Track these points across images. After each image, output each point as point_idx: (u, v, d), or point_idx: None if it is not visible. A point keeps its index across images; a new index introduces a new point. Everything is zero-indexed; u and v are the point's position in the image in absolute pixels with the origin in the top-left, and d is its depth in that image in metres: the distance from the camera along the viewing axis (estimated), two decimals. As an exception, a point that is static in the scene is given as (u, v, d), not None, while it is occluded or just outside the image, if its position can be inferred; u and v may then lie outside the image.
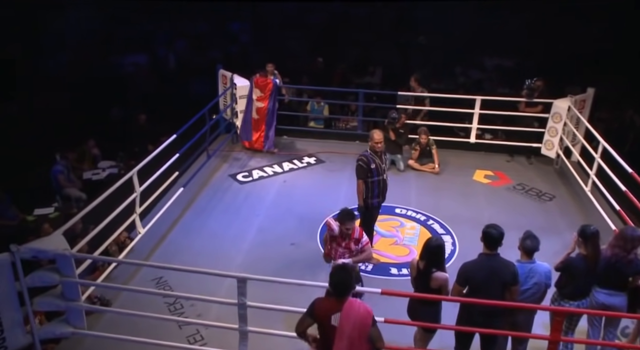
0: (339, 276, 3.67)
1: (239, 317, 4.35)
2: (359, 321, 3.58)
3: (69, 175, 8.81)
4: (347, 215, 4.76)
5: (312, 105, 10.47)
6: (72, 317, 4.57)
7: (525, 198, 7.95)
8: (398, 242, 6.78)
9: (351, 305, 3.61)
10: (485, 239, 4.22)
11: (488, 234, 4.20)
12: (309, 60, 13.59)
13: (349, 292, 3.68)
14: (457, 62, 13.67)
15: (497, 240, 4.20)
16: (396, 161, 8.67)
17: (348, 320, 3.58)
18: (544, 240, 6.69)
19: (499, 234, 4.20)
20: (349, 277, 3.69)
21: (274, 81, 8.81)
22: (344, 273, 3.70)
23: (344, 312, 3.60)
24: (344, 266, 3.85)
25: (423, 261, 4.35)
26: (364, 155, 5.92)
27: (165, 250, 6.59)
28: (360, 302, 3.67)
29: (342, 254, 4.85)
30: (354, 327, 3.57)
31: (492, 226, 4.25)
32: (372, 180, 5.91)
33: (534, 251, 4.41)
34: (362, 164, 5.89)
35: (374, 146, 5.88)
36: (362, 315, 3.59)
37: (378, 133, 5.89)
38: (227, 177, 8.41)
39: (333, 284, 3.66)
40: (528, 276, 4.38)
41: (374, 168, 5.87)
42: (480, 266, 4.21)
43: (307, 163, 8.94)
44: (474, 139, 9.11)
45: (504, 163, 9.03)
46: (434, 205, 7.65)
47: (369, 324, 3.59)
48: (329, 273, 3.73)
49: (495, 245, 4.21)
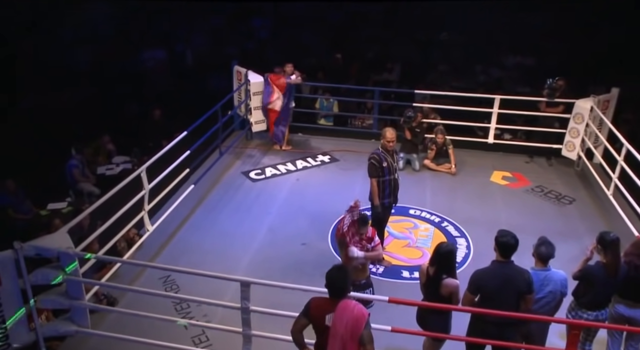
0: (334, 276, 3.59)
1: (242, 321, 4.26)
2: (352, 322, 3.48)
3: (84, 170, 8.83)
4: (361, 221, 4.72)
5: (321, 102, 10.34)
6: (76, 316, 4.52)
7: (543, 201, 7.72)
8: (411, 244, 6.63)
9: (345, 306, 3.53)
10: (500, 247, 4.06)
11: (503, 243, 4.03)
12: (327, 56, 13.46)
13: (344, 293, 3.59)
14: (478, 60, 13.41)
15: (512, 248, 4.03)
16: (412, 161, 8.50)
17: (341, 321, 3.50)
18: (561, 245, 6.52)
19: (514, 242, 4.03)
20: (344, 277, 3.60)
21: (287, 79, 8.69)
22: (340, 273, 3.61)
23: (338, 313, 3.52)
24: (341, 266, 3.74)
25: (433, 267, 4.20)
26: (376, 153, 5.78)
27: (174, 248, 6.53)
28: (356, 304, 3.57)
29: (356, 242, 4.78)
30: (346, 328, 3.48)
31: (506, 234, 4.07)
32: (384, 180, 5.77)
33: (549, 258, 4.23)
34: (374, 162, 5.75)
35: (386, 144, 5.73)
36: (356, 316, 3.49)
37: (390, 131, 5.74)
38: (239, 174, 8.33)
39: (328, 284, 3.58)
40: (543, 284, 4.20)
41: (385, 167, 5.72)
42: (493, 274, 4.04)
43: (320, 161, 8.81)
44: (492, 139, 8.89)
45: (522, 164, 8.80)
46: (449, 206, 7.47)
47: (362, 326, 3.48)
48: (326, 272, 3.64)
49: (509, 253, 4.05)
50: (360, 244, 4.79)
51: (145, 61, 13.78)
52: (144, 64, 13.71)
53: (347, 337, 3.48)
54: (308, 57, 13.62)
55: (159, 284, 5.84)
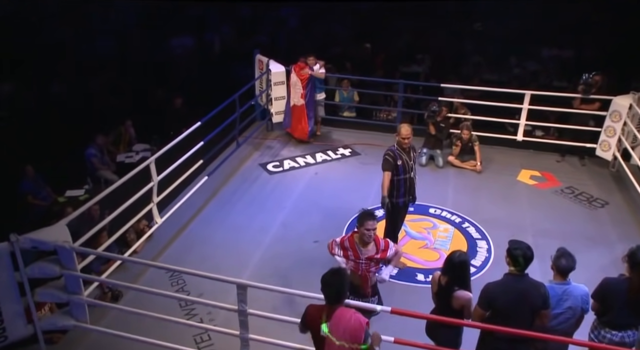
0: (329, 281, 3.35)
1: (240, 323, 4.08)
2: (349, 332, 3.26)
3: (103, 157, 8.80)
4: (366, 215, 4.25)
5: (340, 93, 10.04)
6: (75, 310, 4.43)
7: (573, 203, 7.30)
8: (428, 245, 6.34)
9: (342, 314, 3.31)
10: (513, 260, 3.73)
11: (516, 255, 3.70)
12: (356, 46, 13.13)
13: (340, 299, 3.37)
14: (513, 52, 12.85)
15: (526, 261, 3.71)
16: (435, 157, 8.17)
17: (337, 330, 3.28)
18: (590, 253, 6.19)
19: (529, 255, 3.71)
20: (341, 282, 3.35)
21: (309, 70, 8.44)
22: (336, 278, 3.36)
23: (334, 322, 3.30)
24: (337, 270, 3.46)
25: (445, 277, 3.92)
26: (391, 150, 5.48)
27: (184, 241, 6.42)
28: (354, 312, 3.34)
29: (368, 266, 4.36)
30: (343, 339, 3.26)
31: (519, 245, 3.75)
32: (398, 179, 5.48)
33: (569, 271, 3.89)
34: (388, 158, 5.46)
35: (401, 142, 5.43)
36: (353, 326, 3.26)
37: (406, 127, 5.43)
38: (257, 166, 8.16)
39: (323, 288, 3.36)
40: (561, 299, 3.87)
41: (400, 165, 5.43)
42: (505, 288, 3.73)
43: (341, 155, 8.56)
44: (521, 137, 8.44)
45: (553, 163, 8.35)
46: (471, 206, 7.13)
47: (360, 337, 3.25)
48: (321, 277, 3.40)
49: (524, 266, 3.73)
50: (372, 259, 4.35)
51: (173, 48, 13.71)
52: (172, 51, 13.65)
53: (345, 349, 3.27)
54: (336, 46, 13.33)
55: (165, 278, 5.74)
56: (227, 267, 5.89)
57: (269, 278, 5.70)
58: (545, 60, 12.71)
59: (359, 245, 4.29)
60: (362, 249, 4.28)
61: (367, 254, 4.29)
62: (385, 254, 4.35)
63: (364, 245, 4.28)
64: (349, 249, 4.29)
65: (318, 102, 9.03)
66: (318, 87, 8.92)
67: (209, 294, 5.44)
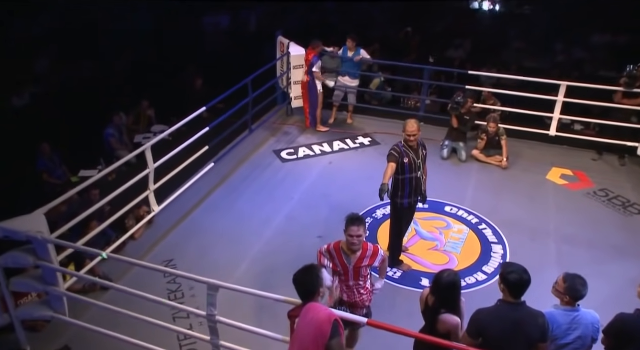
0: (300, 279, 3.17)
1: (210, 329, 3.83)
2: (314, 327, 3.02)
3: (121, 137, 8.73)
4: (351, 220, 3.86)
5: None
6: (53, 301, 4.30)
7: (606, 208, 6.70)
8: (438, 247, 5.93)
9: (309, 309, 3.10)
10: (509, 286, 3.28)
11: (512, 281, 3.26)
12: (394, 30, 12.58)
13: (311, 296, 3.15)
14: (560, 38, 12.01)
15: (523, 286, 3.27)
16: (458, 150, 7.68)
17: (302, 324, 3.09)
18: (617, 264, 5.65)
19: (526, 279, 3.27)
20: (310, 279, 3.15)
21: (314, 58, 8.02)
22: (307, 276, 3.16)
23: (302, 316, 3.11)
24: (309, 268, 3.21)
25: (433, 297, 3.54)
26: (397, 146, 5.07)
27: (185, 228, 6.25)
28: (324, 309, 3.10)
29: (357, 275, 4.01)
30: (307, 333, 3.04)
31: (515, 269, 3.31)
32: (404, 178, 5.07)
33: (580, 298, 3.43)
34: (394, 153, 5.04)
35: (407, 139, 5.01)
36: (320, 321, 3.02)
37: (412, 123, 4.98)
38: (270, 152, 7.88)
39: (295, 286, 3.20)
40: (570, 328, 3.43)
41: (406, 163, 5.01)
42: (498, 316, 3.29)
43: (360, 144, 8.18)
44: (554, 132, 7.81)
45: (588, 162, 7.71)
46: (492, 206, 6.64)
47: (326, 332, 2.99)
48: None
49: (520, 293, 3.29)
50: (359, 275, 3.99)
51: (205, 26, 13.51)
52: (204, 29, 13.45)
53: (308, 344, 3.03)
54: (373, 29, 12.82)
55: (160, 268, 5.57)
56: (224, 259, 5.72)
57: (264, 274, 5.48)
58: (595, 47, 11.82)
59: (347, 252, 3.94)
60: (350, 257, 3.94)
61: (354, 262, 3.95)
62: (374, 260, 4.00)
63: (352, 253, 3.94)
64: (335, 257, 3.95)
65: (350, 89, 8.66)
66: (351, 73, 8.54)
67: (201, 288, 5.22)
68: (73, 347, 4.61)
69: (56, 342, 4.65)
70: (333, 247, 3.98)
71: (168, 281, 5.40)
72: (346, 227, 3.85)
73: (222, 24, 13.83)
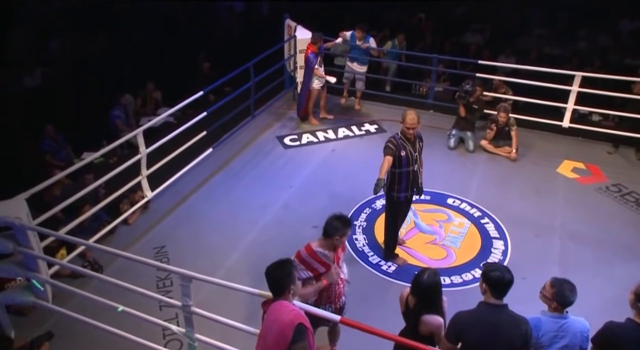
0: (271, 274, 3.05)
1: (185, 320, 3.74)
2: (276, 329, 2.90)
3: (127, 119, 8.68)
4: (350, 224, 3.85)
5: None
6: (35, 287, 4.25)
7: (617, 204, 6.40)
8: (436, 241, 5.74)
9: (275, 307, 2.98)
10: (491, 286, 3.10)
11: (494, 279, 3.07)
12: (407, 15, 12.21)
13: (280, 293, 3.02)
14: (584, 24, 11.50)
15: (506, 286, 3.09)
16: (465, 139, 7.41)
17: (267, 322, 2.98)
18: (624, 265, 5.39)
19: (509, 278, 3.09)
20: (281, 275, 3.01)
21: (308, 55, 7.65)
22: (278, 271, 3.03)
23: (268, 314, 3.01)
24: (281, 263, 3.06)
25: (413, 298, 3.38)
26: (394, 138, 4.85)
27: (180, 214, 6.17)
28: (289, 311, 2.94)
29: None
30: (270, 333, 2.93)
31: (497, 268, 3.13)
32: (400, 171, 4.86)
33: (568, 305, 3.23)
34: (390, 145, 4.82)
35: (405, 131, 4.79)
36: (282, 324, 2.89)
37: (412, 115, 4.75)
38: (273, 138, 7.73)
39: (267, 281, 3.08)
40: (557, 336, 3.21)
41: (403, 156, 4.80)
42: (478, 320, 3.11)
43: (365, 131, 7.97)
44: (567, 123, 7.48)
45: (603, 155, 7.38)
46: (497, 199, 6.40)
47: (287, 336, 2.86)
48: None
49: (502, 292, 3.10)
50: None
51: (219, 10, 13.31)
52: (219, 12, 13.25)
53: (270, 345, 2.92)
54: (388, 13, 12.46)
55: (151, 253, 5.52)
56: (217, 247, 5.63)
57: (256, 263, 5.33)
58: (621, 34, 11.30)
59: (324, 253, 3.76)
60: (329, 255, 3.78)
61: (333, 258, 3.81)
62: (344, 247, 3.96)
63: (331, 250, 3.79)
64: (313, 262, 3.74)
65: (359, 75, 8.43)
66: (360, 59, 8.30)
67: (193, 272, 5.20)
68: (57, 333, 4.56)
69: (41, 327, 4.61)
70: (306, 254, 3.75)
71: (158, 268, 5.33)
72: (345, 231, 3.73)
73: (236, 7, 13.60)
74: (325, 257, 3.74)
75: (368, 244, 5.68)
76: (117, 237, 5.71)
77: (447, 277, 5.23)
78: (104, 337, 4.18)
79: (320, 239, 3.77)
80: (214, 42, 11.71)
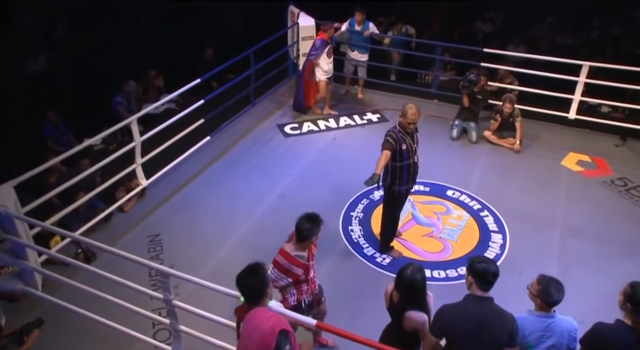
0: (243, 282, 2.92)
1: (168, 313, 3.71)
2: (257, 338, 2.79)
3: (129, 106, 8.64)
4: (320, 221, 3.77)
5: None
6: (24, 274, 4.26)
7: (622, 198, 6.25)
8: (433, 234, 5.64)
9: (253, 315, 2.86)
10: (477, 277, 3.02)
11: (480, 271, 3.00)
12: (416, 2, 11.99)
13: (256, 300, 2.91)
14: (599, 12, 11.20)
15: (490, 276, 3.00)
16: (469, 130, 7.28)
17: (246, 332, 2.85)
18: (626, 261, 5.26)
19: (494, 270, 3.01)
20: (255, 282, 2.90)
21: (315, 42, 7.50)
22: (250, 278, 2.91)
23: (245, 323, 2.88)
24: (253, 268, 2.94)
25: (397, 294, 3.31)
26: (393, 132, 4.70)
27: (176, 202, 6.14)
28: (270, 315, 2.85)
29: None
30: (251, 342, 2.81)
31: (482, 259, 3.06)
32: (401, 165, 4.75)
33: (553, 303, 3.13)
34: (390, 139, 4.68)
35: (406, 126, 4.67)
36: (263, 333, 2.78)
37: (414, 110, 4.60)
38: (274, 127, 7.65)
39: (239, 289, 2.96)
40: (543, 335, 3.12)
41: (404, 150, 4.68)
42: (463, 313, 3.03)
43: (367, 120, 7.86)
44: (573, 114, 7.31)
45: (610, 148, 7.21)
46: (498, 191, 6.29)
47: (271, 344, 2.75)
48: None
49: (489, 284, 3.02)
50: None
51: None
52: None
53: None
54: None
55: (144, 242, 5.50)
56: (211, 236, 5.60)
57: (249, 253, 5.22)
58: (636, 23, 11.00)
59: (301, 253, 3.70)
60: (305, 254, 3.73)
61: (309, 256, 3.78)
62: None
63: (305, 250, 3.74)
64: (291, 266, 3.66)
65: (360, 63, 8.30)
66: (360, 47, 8.16)
67: (183, 265, 5.18)
68: (48, 320, 4.57)
69: (32, 313, 4.62)
70: (284, 260, 3.66)
71: (151, 256, 5.32)
72: (318, 229, 3.69)
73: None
74: (302, 258, 3.69)
75: (364, 236, 5.61)
76: (112, 225, 5.70)
77: (442, 271, 5.15)
78: (95, 324, 4.16)
79: (293, 241, 3.71)
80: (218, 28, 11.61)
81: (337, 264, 5.20)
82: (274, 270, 3.63)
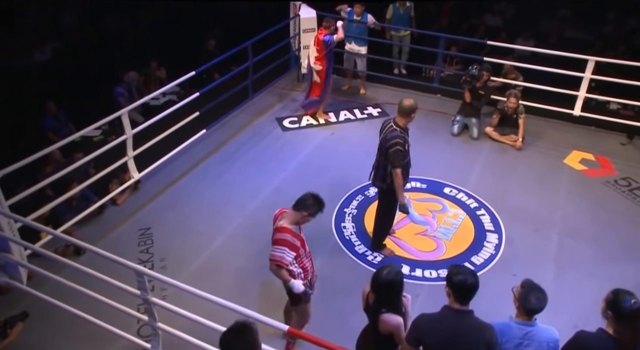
0: (228, 342, 2.48)
1: (146, 311, 3.67)
2: None
3: (131, 97, 8.61)
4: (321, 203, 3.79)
5: (395, 10, 8.72)
6: (8, 267, 4.25)
7: (625, 199, 6.07)
8: (427, 233, 5.53)
9: None
10: (455, 290, 2.91)
11: (459, 283, 2.88)
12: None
13: None
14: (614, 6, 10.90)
15: (470, 290, 2.90)
16: (470, 126, 7.12)
17: None
18: (625, 265, 5.11)
19: (474, 282, 2.90)
20: (240, 344, 2.47)
21: (324, 38, 7.04)
22: (238, 342, 2.47)
23: None
24: (242, 330, 2.49)
25: (373, 295, 3.23)
26: (399, 137, 4.50)
27: (170, 196, 6.10)
28: None
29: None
30: None
31: (462, 271, 2.94)
32: (404, 163, 4.68)
33: (532, 311, 3.02)
34: (400, 148, 4.52)
35: (407, 124, 4.59)
36: None
37: (414, 106, 4.53)
38: (272, 120, 7.56)
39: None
40: (521, 344, 3.01)
41: (407, 149, 4.64)
42: (440, 324, 2.94)
43: (367, 115, 7.74)
44: (578, 111, 7.12)
45: (616, 146, 7.02)
46: (497, 190, 6.15)
47: None
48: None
49: (467, 297, 2.91)
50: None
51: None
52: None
53: None
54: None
55: (135, 235, 5.47)
56: (203, 230, 5.56)
57: (240, 247, 5.31)
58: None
59: (296, 227, 3.79)
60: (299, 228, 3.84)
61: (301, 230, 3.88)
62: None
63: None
64: (295, 239, 3.72)
65: (359, 56, 8.16)
66: (359, 39, 8.02)
67: (172, 259, 5.17)
68: (33, 313, 4.56)
69: (17, 306, 4.61)
70: (288, 235, 3.70)
71: (141, 250, 5.29)
72: (315, 211, 3.72)
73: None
74: (297, 230, 3.79)
75: (356, 233, 5.52)
76: (104, 218, 5.68)
77: (434, 271, 5.05)
78: (80, 320, 4.14)
79: (289, 214, 3.75)
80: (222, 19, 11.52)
81: (327, 261, 5.12)
82: (278, 247, 3.66)
